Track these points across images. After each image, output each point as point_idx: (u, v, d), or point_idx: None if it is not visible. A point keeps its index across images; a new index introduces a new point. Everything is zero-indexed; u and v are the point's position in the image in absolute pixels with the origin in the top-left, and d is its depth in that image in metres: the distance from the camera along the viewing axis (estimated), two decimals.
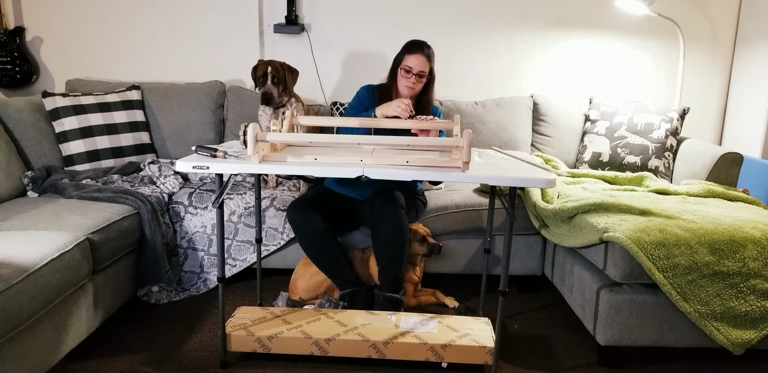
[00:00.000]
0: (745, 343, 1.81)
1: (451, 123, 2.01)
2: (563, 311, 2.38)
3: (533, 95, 3.09)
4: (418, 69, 2.27)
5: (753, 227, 1.87)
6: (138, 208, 2.24)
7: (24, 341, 1.58)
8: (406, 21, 3.15)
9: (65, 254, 1.75)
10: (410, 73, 2.28)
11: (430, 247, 2.29)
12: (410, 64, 2.27)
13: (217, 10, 3.12)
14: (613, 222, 1.90)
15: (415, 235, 2.30)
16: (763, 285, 1.81)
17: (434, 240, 2.32)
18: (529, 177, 1.61)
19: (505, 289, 1.77)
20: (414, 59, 2.27)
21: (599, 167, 2.84)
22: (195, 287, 2.47)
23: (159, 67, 3.20)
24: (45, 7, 3.13)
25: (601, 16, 3.14)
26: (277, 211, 2.42)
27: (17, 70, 3.08)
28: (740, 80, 3.14)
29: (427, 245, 2.29)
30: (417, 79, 2.29)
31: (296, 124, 1.99)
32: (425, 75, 2.30)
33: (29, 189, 2.41)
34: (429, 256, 2.34)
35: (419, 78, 2.29)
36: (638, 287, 1.88)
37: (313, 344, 1.87)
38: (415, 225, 2.34)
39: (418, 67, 2.27)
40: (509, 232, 1.71)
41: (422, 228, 2.34)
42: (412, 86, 2.30)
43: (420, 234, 2.30)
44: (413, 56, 2.28)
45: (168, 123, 2.94)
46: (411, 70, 2.28)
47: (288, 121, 1.94)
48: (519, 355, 2.04)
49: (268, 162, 1.64)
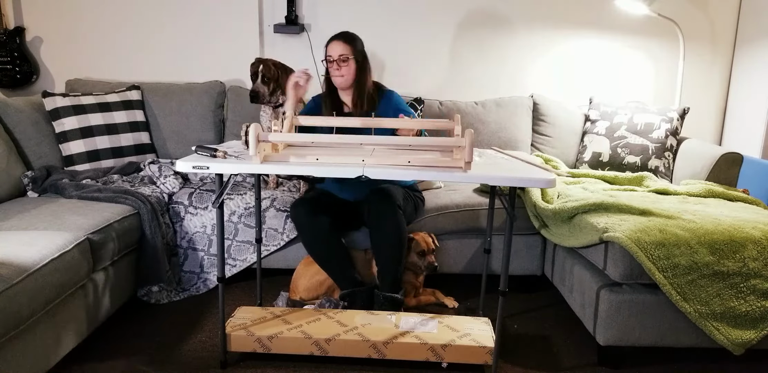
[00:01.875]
0: (745, 343, 1.81)
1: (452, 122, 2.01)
2: (563, 311, 2.38)
3: (533, 95, 3.09)
4: (337, 53, 2.22)
5: (753, 227, 1.87)
6: (138, 208, 2.24)
7: (24, 341, 1.58)
8: (406, 21, 3.15)
9: (65, 254, 1.75)
10: (333, 62, 2.24)
11: (426, 264, 2.26)
12: (330, 53, 2.24)
13: (217, 10, 3.13)
14: (613, 222, 1.90)
15: (416, 247, 2.26)
16: (763, 285, 1.81)
17: (433, 259, 2.27)
18: (529, 177, 1.61)
19: (505, 289, 1.77)
20: (330, 47, 2.25)
21: (599, 167, 2.84)
22: (195, 287, 2.47)
23: (159, 67, 3.21)
24: (45, 7, 3.13)
25: (601, 16, 3.14)
26: (277, 211, 2.42)
27: (17, 70, 3.08)
28: (740, 80, 3.14)
29: (423, 261, 2.26)
30: (340, 64, 2.23)
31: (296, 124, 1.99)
32: (348, 57, 2.23)
33: (29, 189, 2.41)
34: (422, 272, 2.32)
35: (343, 62, 2.23)
36: (638, 287, 1.88)
37: (313, 344, 1.87)
38: (420, 235, 2.29)
39: (336, 52, 2.22)
40: (509, 232, 1.71)
41: (426, 241, 2.28)
42: (340, 73, 2.24)
43: (420, 247, 2.26)
44: (330, 45, 2.25)
45: (168, 123, 2.94)
46: (332, 58, 2.23)
47: (288, 121, 1.94)
48: (519, 355, 2.04)
49: (269, 162, 1.64)
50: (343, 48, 2.23)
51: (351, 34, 2.28)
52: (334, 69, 2.25)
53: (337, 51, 2.23)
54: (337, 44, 2.23)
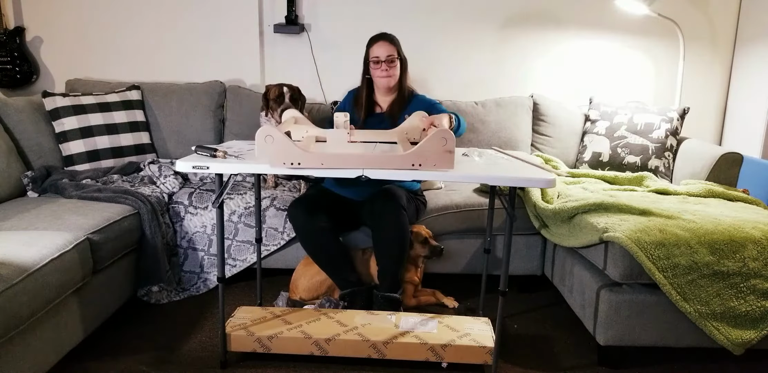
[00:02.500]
0: (745, 343, 1.81)
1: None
2: (563, 311, 2.38)
3: (533, 95, 3.09)
4: (386, 54, 2.24)
5: (753, 227, 1.87)
6: (138, 208, 2.24)
7: (24, 341, 1.58)
8: (406, 21, 3.15)
9: (65, 254, 1.75)
10: (380, 63, 2.25)
11: (432, 248, 2.28)
12: (377, 54, 2.25)
13: (217, 10, 3.12)
14: (613, 222, 1.90)
15: (417, 236, 2.29)
16: (763, 285, 1.81)
17: (436, 242, 2.31)
18: (529, 177, 1.61)
19: (505, 289, 1.77)
20: (377, 48, 2.25)
21: (599, 167, 2.84)
22: (195, 287, 2.47)
23: (159, 67, 3.21)
24: (45, 7, 3.13)
25: (601, 16, 3.14)
26: (277, 211, 2.42)
27: (17, 70, 3.08)
28: (740, 80, 3.14)
29: (429, 246, 2.29)
30: (389, 65, 2.25)
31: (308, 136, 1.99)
32: (395, 58, 2.26)
33: (29, 189, 2.41)
34: (430, 258, 2.34)
35: (390, 64, 2.25)
36: (638, 287, 1.88)
37: (313, 344, 1.87)
38: (417, 227, 2.34)
39: (384, 53, 2.24)
40: (509, 232, 1.71)
41: (424, 230, 2.33)
42: (387, 74, 2.25)
43: (422, 236, 2.30)
44: (375, 46, 2.26)
45: (168, 123, 2.94)
46: (379, 59, 2.25)
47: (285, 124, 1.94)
48: (519, 355, 2.04)
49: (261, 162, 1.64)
50: (389, 48, 2.24)
51: (392, 35, 2.29)
52: (381, 69, 2.25)
53: (385, 51, 2.23)
54: (384, 44, 2.24)
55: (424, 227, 2.35)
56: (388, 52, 2.24)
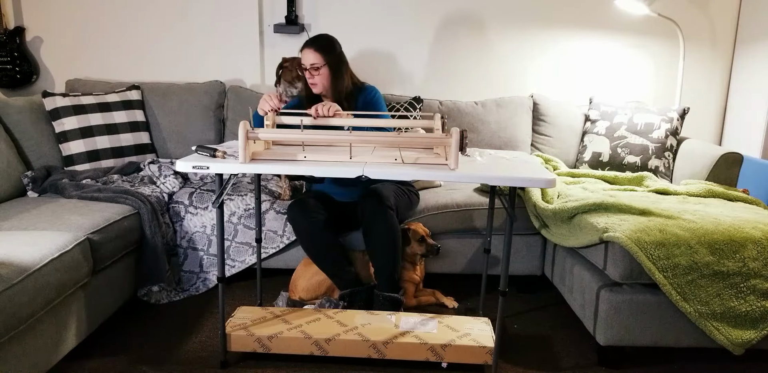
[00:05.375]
0: (745, 343, 1.81)
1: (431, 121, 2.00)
2: (563, 311, 2.38)
3: (533, 95, 3.09)
4: (309, 63, 2.21)
5: (753, 227, 1.87)
6: (138, 208, 2.24)
7: (24, 341, 1.58)
8: (406, 21, 3.15)
9: (65, 254, 1.75)
10: (307, 71, 2.23)
11: (429, 247, 2.29)
12: (303, 61, 2.23)
13: (217, 10, 3.13)
14: (613, 222, 1.90)
15: (414, 235, 2.30)
16: (763, 285, 1.81)
17: (433, 241, 2.31)
18: (529, 177, 1.61)
19: (504, 289, 1.77)
20: (303, 55, 2.23)
21: (599, 167, 2.84)
22: (195, 286, 2.47)
23: (159, 67, 3.21)
24: (45, 7, 3.13)
25: (601, 16, 3.14)
26: (277, 214, 2.42)
27: (17, 70, 3.08)
28: (740, 80, 3.14)
29: (425, 245, 2.29)
30: (313, 72, 2.22)
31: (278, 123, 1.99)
32: (318, 66, 2.21)
33: (29, 189, 2.41)
34: (427, 256, 2.34)
35: (315, 71, 2.22)
36: (638, 287, 1.88)
37: (313, 344, 1.87)
38: (415, 225, 2.34)
39: (308, 61, 2.21)
40: (509, 232, 1.71)
41: (422, 228, 2.34)
42: (313, 82, 2.24)
43: (419, 234, 2.30)
44: (302, 53, 2.23)
45: (168, 123, 2.94)
46: (305, 66, 2.23)
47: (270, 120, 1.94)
48: (519, 355, 2.04)
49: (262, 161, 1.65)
50: (314, 57, 2.20)
51: (323, 40, 2.25)
52: (307, 76, 2.24)
53: (308, 60, 2.21)
54: (308, 53, 2.21)
55: (421, 225, 2.35)
56: (311, 60, 2.20)
